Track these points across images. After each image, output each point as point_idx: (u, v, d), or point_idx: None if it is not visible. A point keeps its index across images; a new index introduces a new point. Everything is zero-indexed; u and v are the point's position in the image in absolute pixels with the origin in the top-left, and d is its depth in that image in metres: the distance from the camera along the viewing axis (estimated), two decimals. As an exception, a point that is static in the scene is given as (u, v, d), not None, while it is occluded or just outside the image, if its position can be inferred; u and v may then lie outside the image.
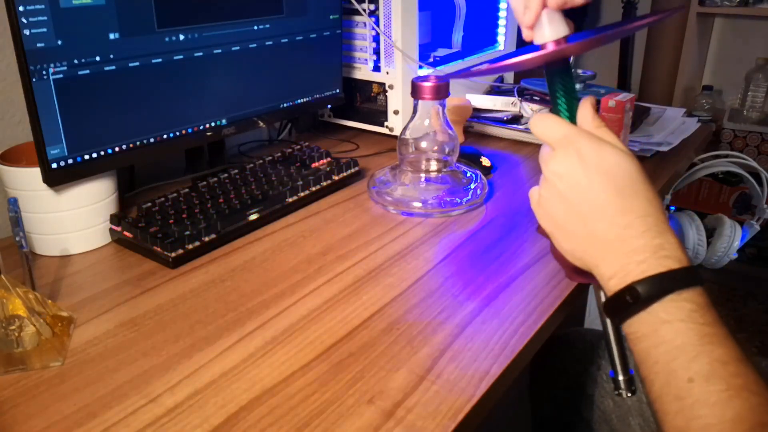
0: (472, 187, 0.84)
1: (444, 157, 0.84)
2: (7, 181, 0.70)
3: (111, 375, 0.53)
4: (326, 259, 0.71)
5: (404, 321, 0.59)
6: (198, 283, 0.66)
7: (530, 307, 0.61)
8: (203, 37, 0.80)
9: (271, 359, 0.54)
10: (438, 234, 0.76)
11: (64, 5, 0.65)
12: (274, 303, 0.62)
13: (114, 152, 0.75)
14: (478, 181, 0.85)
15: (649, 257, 0.43)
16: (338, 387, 0.51)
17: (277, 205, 0.80)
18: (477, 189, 0.84)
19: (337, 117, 1.14)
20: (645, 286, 0.42)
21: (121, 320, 0.60)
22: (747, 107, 2.42)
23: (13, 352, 0.54)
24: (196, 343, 0.57)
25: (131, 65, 0.73)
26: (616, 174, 0.46)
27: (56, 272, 0.69)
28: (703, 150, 1.13)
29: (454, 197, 0.82)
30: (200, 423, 0.47)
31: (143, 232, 0.71)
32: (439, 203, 0.81)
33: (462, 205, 0.82)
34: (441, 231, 0.77)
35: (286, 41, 0.92)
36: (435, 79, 0.81)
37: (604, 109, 0.91)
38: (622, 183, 0.46)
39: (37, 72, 0.64)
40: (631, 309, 0.43)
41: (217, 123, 0.87)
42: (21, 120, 0.80)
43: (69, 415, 0.48)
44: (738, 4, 2.26)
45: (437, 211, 0.81)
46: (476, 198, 0.83)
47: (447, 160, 0.85)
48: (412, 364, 0.53)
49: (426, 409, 0.48)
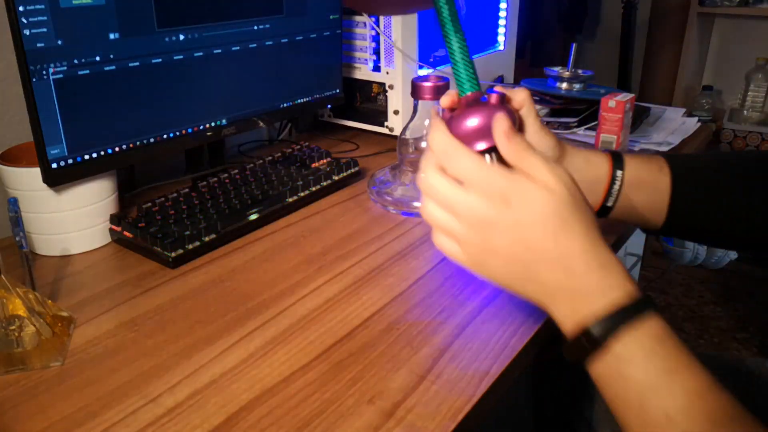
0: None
1: (444, 157, 0.84)
2: (7, 181, 0.70)
3: (111, 375, 0.53)
4: (326, 259, 0.71)
5: (404, 321, 0.59)
6: (198, 283, 0.66)
7: (531, 307, 0.61)
8: (203, 37, 0.80)
9: (271, 359, 0.54)
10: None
11: (64, 5, 0.65)
12: (274, 303, 0.62)
13: (114, 152, 0.75)
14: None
15: (597, 297, 0.42)
16: (338, 387, 0.51)
17: (277, 205, 0.80)
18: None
19: (337, 117, 1.14)
20: (598, 328, 0.41)
21: (121, 320, 0.60)
22: (747, 107, 2.42)
23: (13, 352, 0.54)
24: (196, 343, 0.57)
25: (131, 65, 0.73)
26: (546, 219, 0.43)
27: (56, 272, 0.69)
28: (703, 150, 1.13)
29: (454, 197, 0.82)
30: (200, 423, 0.47)
31: (143, 232, 0.71)
32: (439, 203, 0.81)
33: (462, 205, 0.82)
34: (441, 231, 0.77)
35: (286, 41, 0.92)
36: (435, 79, 0.81)
37: (604, 109, 0.91)
38: (554, 226, 0.43)
39: (37, 72, 0.64)
40: (590, 352, 0.42)
41: (217, 123, 0.87)
42: (21, 120, 0.80)
43: (69, 415, 0.48)
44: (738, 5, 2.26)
45: (437, 211, 0.81)
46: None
47: (447, 160, 0.84)
48: (412, 364, 0.53)
49: (426, 409, 0.48)
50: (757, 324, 1.95)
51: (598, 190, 0.59)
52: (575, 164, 0.59)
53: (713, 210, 0.60)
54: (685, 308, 2.03)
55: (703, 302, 2.07)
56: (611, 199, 0.59)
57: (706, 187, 0.60)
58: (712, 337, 1.90)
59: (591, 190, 0.58)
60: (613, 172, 0.59)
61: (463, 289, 0.64)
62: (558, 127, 1.05)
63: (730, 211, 0.59)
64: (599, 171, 0.59)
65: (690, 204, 0.59)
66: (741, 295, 2.11)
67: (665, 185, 0.59)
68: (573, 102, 1.10)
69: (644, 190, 0.60)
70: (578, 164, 0.59)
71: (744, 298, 2.09)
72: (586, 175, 0.59)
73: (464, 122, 0.47)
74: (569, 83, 1.11)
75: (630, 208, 0.60)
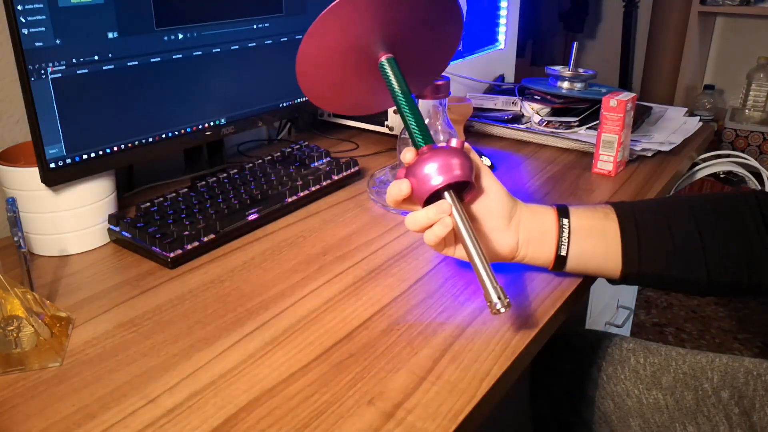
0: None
1: (444, 156, 0.84)
2: (6, 181, 0.69)
3: (110, 376, 0.52)
4: (326, 260, 0.70)
5: (404, 321, 0.59)
6: (197, 283, 0.66)
7: (531, 308, 0.61)
8: (202, 36, 0.80)
9: (270, 360, 0.54)
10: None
11: (63, 4, 0.65)
12: (273, 303, 0.62)
13: (112, 152, 0.74)
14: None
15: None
16: (338, 388, 0.50)
17: (277, 205, 0.80)
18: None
19: (337, 116, 1.14)
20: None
21: (119, 321, 0.60)
22: (749, 106, 2.42)
23: (11, 353, 0.54)
24: (195, 343, 0.56)
25: (130, 64, 0.73)
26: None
27: (55, 272, 0.69)
28: (704, 150, 1.12)
29: (454, 197, 0.82)
30: (199, 424, 0.47)
31: (142, 232, 0.70)
32: (440, 203, 0.81)
33: (462, 204, 0.81)
34: (441, 231, 0.77)
35: (285, 40, 0.92)
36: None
37: (605, 108, 0.91)
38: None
39: (35, 71, 0.64)
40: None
41: (216, 122, 0.87)
42: (19, 119, 0.80)
43: (68, 416, 0.48)
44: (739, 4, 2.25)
45: (437, 211, 0.81)
46: (477, 198, 0.83)
47: (447, 160, 0.84)
48: (413, 364, 0.53)
49: (426, 410, 0.48)
50: (759, 324, 1.95)
51: (549, 240, 0.61)
52: (524, 217, 0.61)
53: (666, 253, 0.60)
54: (687, 308, 2.03)
55: (705, 302, 2.06)
56: (563, 248, 0.61)
57: (655, 230, 0.61)
58: (713, 338, 1.89)
59: (542, 241, 0.61)
60: (559, 221, 0.61)
61: (463, 289, 0.64)
62: (559, 127, 1.05)
63: (684, 252, 0.60)
64: (546, 222, 0.61)
65: (642, 248, 0.60)
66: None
67: (614, 231, 0.61)
68: (574, 101, 1.09)
69: (594, 237, 0.61)
70: (526, 216, 0.61)
71: (745, 299, 2.08)
72: (535, 226, 0.61)
73: (423, 166, 0.56)
74: (570, 82, 1.11)
75: (585, 257, 0.61)
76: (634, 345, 0.78)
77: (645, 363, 0.76)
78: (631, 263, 0.60)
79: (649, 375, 0.75)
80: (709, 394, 0.71)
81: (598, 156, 0.94)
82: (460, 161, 0.56)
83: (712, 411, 0.71)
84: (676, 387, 0.73)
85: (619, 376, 0.76)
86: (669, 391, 0.73)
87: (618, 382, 0.76)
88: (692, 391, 0.72)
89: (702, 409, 0.71)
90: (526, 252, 0.61)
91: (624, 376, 0.76)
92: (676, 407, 0.73)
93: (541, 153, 1.04)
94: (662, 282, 0.61)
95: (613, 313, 1.19)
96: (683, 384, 0.73)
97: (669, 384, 0.74)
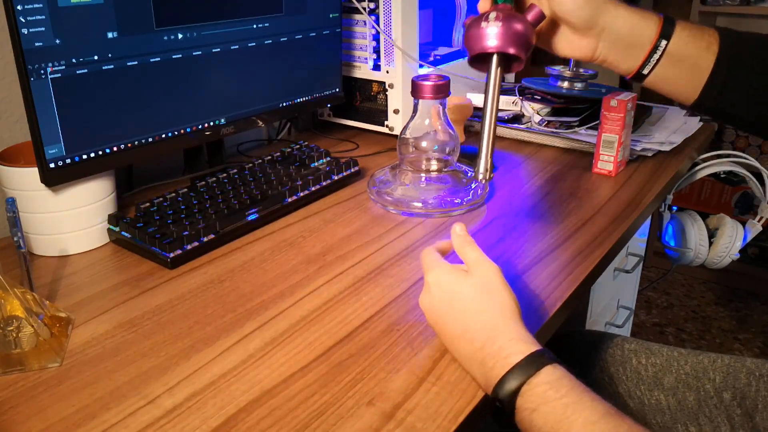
0: (472, 187, 0.83)
1: (444, 156, 0.84)
2: (5, 180, 0.69)
3: (109, 376, 0.52)
4: (326, 260, 0.70)
5: (404, 322, 0.59)
6: (197, 283, 0.66)
7: (531, 308, 0.61)
8: (202, 35, 0.80)
9: (270, 360, 0.54)
10: (438, 234, 0.76)
11: (63, 4, 0.64)
12: (273, 304, 0.62)
13: (112, 152, 0.74)
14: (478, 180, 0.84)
15: (496, 362, 0.47)
16: (338, 388, 0.50)
17: (277, 205, 0.80)
18: (478, 189, 0.83)
19: (337, 116, 1.14)
20: (501, 389, 0.46)
21: (119, 321, 0.60)
22: (749, 106, 2.41)
23: (10, 353, 0.53)
24: (195, 344, 0.56)
25: (129, 64, 0.73)
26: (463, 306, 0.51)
27: (54, 273, 0.69)
28: (705, 149, 1.12)
29: (454, 197, 0.82)
30: (199, 424, 0.47)
31: (141, 232, 0.70)
32: (440, 203, 0.81)
33: (462, 205, 0.81)
34: (441, 231, 0.77)
35: (285, 40, 0.92)
36: (435, 78, 0.80)
37: (605, 108, 0.91)
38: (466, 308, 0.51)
39: (35, 71, 0.64)
40: (507, 411, 0.46)
41: (216, 122, 0.86)
42: (19, 119, 0.80)
43: (67, 417, 0.48)
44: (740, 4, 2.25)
45: (437, 211, 0.81)
46: (477, 198, 0.83)
47: (447, 160, 0.84)
48: (413, 365, 0.53)
49: (426, 410, 0.48)
50: (759, 324, 1.94)
51: (636, 55, 0.58)
52: (617, 24, 0.58)
53: (748, 98, 0.58)
54: (687, 309, 2.03)
55: (705, 303, 2.06)
56: (648, 67, 0.58)
57: (750, 71, 0.57)
58: (714, 338, 1.89)
59: (628, 54, 0.58)
60: (657, 41, 0.58)
61: (463, 289, 0.64)
62: (559, 127, 1.05)
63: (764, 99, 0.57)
64: (643, 37, 0.58)
65: (727, 88, 0.57)
66: (743, 295, 2.10)
67: (707, 64, 0.58)
68: (574, 101, 1.09)
69: (684, 66, 0.58)
70: (620, 25, 0.58)
71: (746, 299, 2.08)
72: (625, 37, 0.58)
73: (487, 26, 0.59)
74: (571, 82, 1.10)
75: (665, 81, 0.59)
76: (636, 345, 0.78)
77: (647, 364, 0.75)
78: (708, 98, 0.58)
79: (651, 376, 0.75)
80: (711, 395, 0.71)
81: (598, 156, 0.94)
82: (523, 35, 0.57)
83: (714, 412, 0.71)
84: (678, 388, 0.73)
85: (621, 377, 0.76)
86: (671, 391, 0.73)
87: (620, 383, 0.76)
88: (694, 391, 0.72)
89: (704, 410, 0.71)
90: (606, 58, 0.59)
91: (626, 377, 0.76)
92: (678, 408, 0.72)
93: (542, 153, 1.03)
94: (728, 120, 0.60)
95: (613, 313, 1.19)
96: (685, 385, 0.73)
97: (671, 385, 0.73)
